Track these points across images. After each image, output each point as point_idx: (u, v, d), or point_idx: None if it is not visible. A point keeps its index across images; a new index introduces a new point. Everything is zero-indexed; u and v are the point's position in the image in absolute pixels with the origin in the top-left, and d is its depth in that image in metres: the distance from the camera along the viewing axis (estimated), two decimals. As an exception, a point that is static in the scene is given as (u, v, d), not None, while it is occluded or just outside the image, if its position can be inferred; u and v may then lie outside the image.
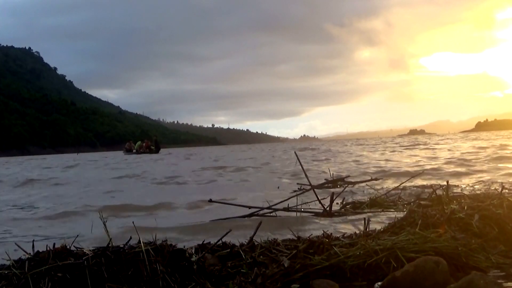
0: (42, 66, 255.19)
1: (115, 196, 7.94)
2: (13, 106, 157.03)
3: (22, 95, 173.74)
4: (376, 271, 2.34)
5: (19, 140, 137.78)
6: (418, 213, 3.02)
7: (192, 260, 2.30)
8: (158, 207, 6.16)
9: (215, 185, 9.72)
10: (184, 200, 6.59)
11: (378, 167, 12.21)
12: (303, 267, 2.33)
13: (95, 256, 2.11)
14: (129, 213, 5.77)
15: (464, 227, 2.88)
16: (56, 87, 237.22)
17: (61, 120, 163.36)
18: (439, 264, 2.18)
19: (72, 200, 7.39)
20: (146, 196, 7.82)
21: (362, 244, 2.47)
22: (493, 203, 3.09)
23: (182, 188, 9.36)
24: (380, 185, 7.55)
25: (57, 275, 2.02)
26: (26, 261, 2.10)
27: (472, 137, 45.96)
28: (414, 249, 2.42)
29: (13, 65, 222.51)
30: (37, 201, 7.80)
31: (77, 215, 5.70)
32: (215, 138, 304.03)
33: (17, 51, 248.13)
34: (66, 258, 2.11)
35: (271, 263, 2.45)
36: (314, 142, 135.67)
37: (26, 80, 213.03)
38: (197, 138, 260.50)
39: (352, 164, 14.45)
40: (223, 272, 2.38)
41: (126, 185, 10.77)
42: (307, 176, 5.44)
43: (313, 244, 2.57)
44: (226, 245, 2.74)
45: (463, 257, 2.45)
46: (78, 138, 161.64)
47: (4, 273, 2.08)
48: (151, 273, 2.12)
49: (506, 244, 2.75)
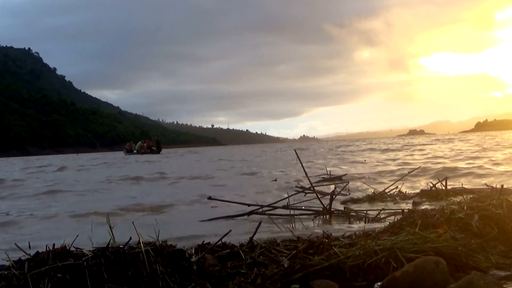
0: (41, 66, 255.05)
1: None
2: (12, 107, 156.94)
3: (21, 95, 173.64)
4: (376, 271, 2.34)
5: (18, 140, 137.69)
6: (418, 213, 3.02)
7: (192, 260, 2.30)
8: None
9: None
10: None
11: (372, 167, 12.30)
12: (303, 268, 2.33)
13: (94, 257, 2.11)
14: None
15: (464, 227, 2.88)
16: (55, 87, 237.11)
17: (60, 121, 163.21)
18: (438, 264, 2.18)
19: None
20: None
21: (361, 244, 2.47)
22: (492, 203, 3.09)
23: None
24: (377, 183, 7.57)
25: (56, 276, 2.02)
26: (25, 261, 2.10)
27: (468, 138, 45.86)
28: (414, 249, 2.42)
29: (12, 65, 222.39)
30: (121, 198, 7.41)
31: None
32: (215, 138, 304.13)
33: (17, 51, 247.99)
34: (66, 258, 2.11)
35: (271, 263, 2.45)
36: (313, 142, 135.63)
37: (26, 81, 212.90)
38: (196, 139, 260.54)
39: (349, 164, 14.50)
40: (223, 272, 2.38)
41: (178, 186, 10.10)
42: (307, 175, 5.44)
43: (312, 244, 2.57)
44: (226, 246, 2.74)
45: (463, 257, 2.45)
46: (78, 138, 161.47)
47: (3, 273, 2.07)
48: (151, 273, 2.12)
49: (505, 244, 2.75)
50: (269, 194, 6.89)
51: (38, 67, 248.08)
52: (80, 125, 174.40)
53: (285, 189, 6.85)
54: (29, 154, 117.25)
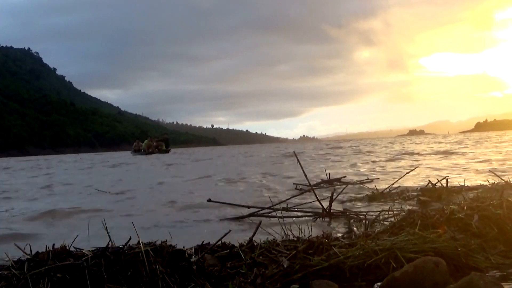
0: (41, 66, 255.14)
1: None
2: (12, 107, 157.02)
3: (21, 95, 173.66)
4: (376, 272, 2.34)
5: (18, 140, 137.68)
6: (418, 213, 3.02)
7: (191, 260, 2.30)
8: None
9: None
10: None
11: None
12: (303, 268, 2.33)
13: (94, 257, 2.11)
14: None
15: (464, 227, 2.88)
16: (55, 87, 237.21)
17: (60, 121, 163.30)
18: (438, 265, 2.18)
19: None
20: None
21: (361, 245, 2.47)
22: (492, 204, 3.09)
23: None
24: (377, 184, 7.56)
25: (56, 276, 2.02)
26: (25, 261, 2.10)
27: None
28: (414, 250, 2.42)
29: (12, 65, 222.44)
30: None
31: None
32: (215, 138, 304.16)
33: (17, 51, 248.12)
34: (66, 258, 2.11)
35: (271, 263, 2.45)
36: (313, 143, 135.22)
37: (26, 81, 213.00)
38: (196, 139, 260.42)
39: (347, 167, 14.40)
40: (222, 272, 2.38)
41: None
42: (307, 176, 5.44)
43: (312, 245, 2.57)
44: (225, 246, 2.73)
45: (463, 257, 2.45)
46: (77, 138, 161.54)
47: (3, 273, 2.07)
48: (151, 273, 2.12)
49: (505, 245, 2.75)
50: (269, 196, 6.87)
51: (38, 67, 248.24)
52: (80, 125, 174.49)
53: (285, 191, 6.84)
54: (29, 154, 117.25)
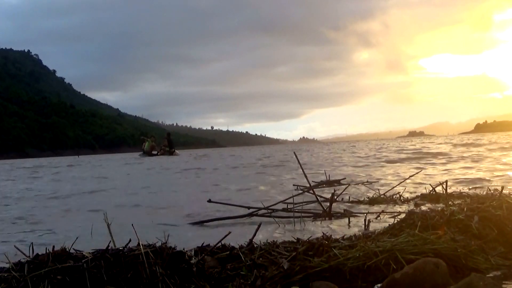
0: (41, 68, 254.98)
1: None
2: (12, 109, 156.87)
3: (21, 97, 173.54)
4: (376, 273, 2.34)
5: (18, 143, 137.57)
6: (418, 214, 3.02)
7: (191, 262, 2.30)
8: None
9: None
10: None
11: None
12: (303, 269, 2.33)
13: (94, 259, 2.11)
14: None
15: (464, 228, 2.88)
16: (55, 89, 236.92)
17: (60, 123, 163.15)
18: (438, 266, 2.18)
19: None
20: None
21: (361, 246, 2.47)
22: (492, 205, 3.09)
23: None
24: (378, 186, 7.56)
25: (56, 278, 2.02)
26: (25, 264, 2.10)
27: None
28: (414, 251, 2.42)
29: (12, 68, 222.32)
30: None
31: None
32: (215, 140, 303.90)
33: (16, 53, 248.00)
34: (66, 260, 2.11)
35: (271, 265, 2.45)
36: (313, 144, 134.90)
37: (25, 83, 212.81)
38: (196, 140, 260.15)
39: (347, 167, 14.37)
40: (222, 274, 2.38)
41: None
42: (307, 177, 5.44)
43: (312, 246, 2.57)
44: (225, 247, 2.73)
45: (463, 258, 2.45)
46: (77, 140, 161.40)
47: (3, 276, 2.07)
48: (151, 275, 2.12)
49: (505, 246, 2.75)
50: (269, 197, 6.88)
51: (38, 69, 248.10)
52: (80, 127, 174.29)
53: (285, 192, 6.84)
54: (28, 156, 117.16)
